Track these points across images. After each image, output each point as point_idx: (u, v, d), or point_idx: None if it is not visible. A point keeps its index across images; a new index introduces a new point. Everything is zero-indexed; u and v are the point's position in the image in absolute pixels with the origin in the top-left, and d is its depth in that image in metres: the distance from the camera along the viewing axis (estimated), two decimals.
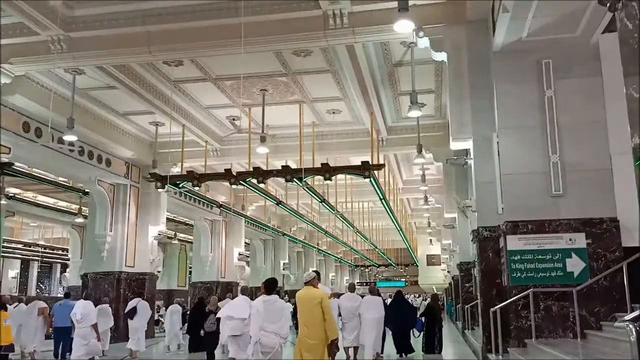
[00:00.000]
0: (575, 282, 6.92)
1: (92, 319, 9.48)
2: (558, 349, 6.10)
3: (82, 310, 9.46)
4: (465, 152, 9.21)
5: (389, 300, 12.77)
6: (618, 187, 6.98)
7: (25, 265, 36.40)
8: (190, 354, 12.25)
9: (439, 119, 14.92)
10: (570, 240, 7.05)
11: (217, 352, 10.37)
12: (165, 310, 16.30)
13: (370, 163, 12.22)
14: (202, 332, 10.70)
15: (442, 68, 11.86)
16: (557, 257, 7.07)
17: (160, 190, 13.09)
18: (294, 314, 9.59)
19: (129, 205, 16.38)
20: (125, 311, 12.63)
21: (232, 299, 12.18)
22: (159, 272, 17.72)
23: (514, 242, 7.21)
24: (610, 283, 6.79)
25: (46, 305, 11.96)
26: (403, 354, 10.83)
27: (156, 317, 22.08)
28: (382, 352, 10.47)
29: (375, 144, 14.53)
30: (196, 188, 13.31)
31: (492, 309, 7.21)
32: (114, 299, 15.45)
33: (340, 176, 20.22)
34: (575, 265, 6.97)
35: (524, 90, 7.51)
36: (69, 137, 11.83)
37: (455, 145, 8.56)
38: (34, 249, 32.59)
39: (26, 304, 12.15)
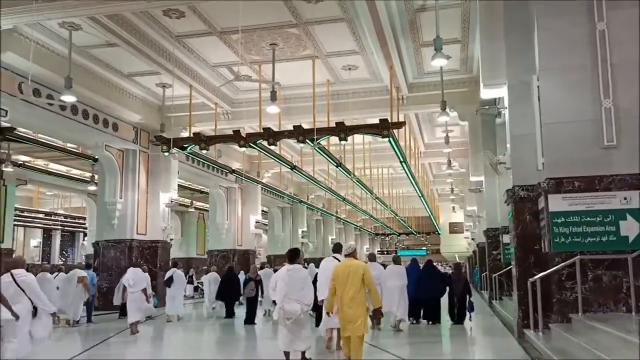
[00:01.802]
0: (631, 247, 5.94)
1: (142, 284, 10.53)
2: (611, 325, 5.19)
3: (133, 276, 10.55)
4: (496, 102, 8.10)
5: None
6: None
7: (47, 234, 36.77)
8: (226, 319, 13.03)
9: (464, 74, 13.71)
10: (625, 199, 6.03)
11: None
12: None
13: (390, 121, 11.17)
14: (240, 297, 12.43)
15: (469, 11, 10.63)
16: (609, 219, 6.07)
17: (165, 154, 12.35)
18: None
19: (139, 171, 15.77)
20: (164, 280, 13.46)
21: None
22: (171, 239, 17.18)
23: (557, 203, 6.22)
24: None
25: (86, 274, 12.27)
26: (431, 322, 10.90)
27: (195, 284, 22.86)
28: (407, 320, 10.54)
29: (395, 102, 13.47)
30: (204, 151, 12.51)
31: (530, 280, 6.29)
32: (126, 267, 15.00)
33: (357, 140, 19.32)
34: (630, 228, 5.98)
35: (571, 23, 6.38)
36: (67, 98, 11.11)
37: (486, 93, 7.51)
38: (54, 218, 32.74)
39: (66, 273, 12.51)
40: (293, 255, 6.38)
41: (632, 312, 5.77)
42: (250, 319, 11.81)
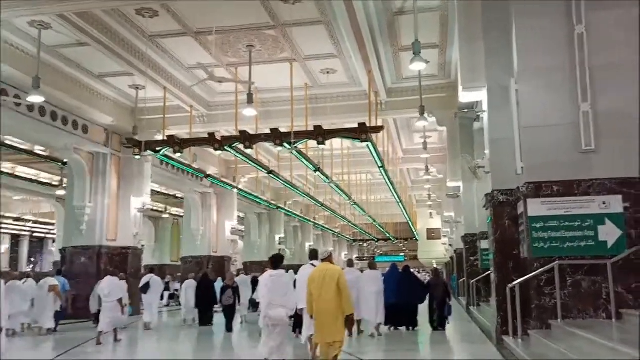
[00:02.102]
0: (610, 253, 5.87)
1: (118, 294, 10.26)
2: (591, 331, 5.08)
3: (109, 285, 10.28)
4: (474, 106, 8.03)
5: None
6: None
7: (15, 240, 35.60)
8: (201, 327, 12.86)
9: (443, 79, 13.70)
10: (604, 203, 5.97)
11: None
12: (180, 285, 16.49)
13: (368, 125, 11.03)
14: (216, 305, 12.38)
15: (448, 16, 10.59)
16: (588, 223, 6.00)
17: (137, 157, 11.96)
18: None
19: (110, 175, 15.31)
20: (140, 286, 13.28)
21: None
22: (143, 246, 16.72)
23: (536, 207, 6.12)
24: None
25: (57, 283, 12.07)
26: (410, 328, 10.90)
27: (172, 291, 22.50)
28: (384, 324, 10.56)
29: (374, 107, 13.35)
30: (177, 155, 12.16)
31: (509, 285, 6.17)
32: (95, 274, 14.52)
33: (336, 145, 19.19)
34: (609, 233, 5.91)
35: (550, 25, 6.33)
36: (34, 98, 10.73)
37: (465, 97, 7.41)
38: (22, 224, 31.75)
39: (35, 280, 12.34)
40: (276, 261, 6.35)
41: (612, 319, 5.69)
42: (228, 326, 11.84)
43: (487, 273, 11.86)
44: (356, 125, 11.41)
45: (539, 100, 6.34)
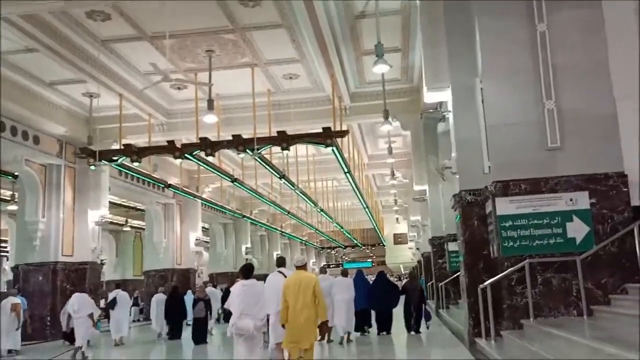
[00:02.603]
0: (578, 249, 5.85)
1: (88, 309, 10.29)
2: (564, 329, 5.01)
3: (78, 301, 10.31)
4: (439, 107, 7.97)
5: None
6: (625, 137, 5.91)
7: None
8: (171, 340, 12.84)
9: (406, 83, 13.71)
10: (571, 200, 5.96)
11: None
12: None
13: (333, 130, 10.87)
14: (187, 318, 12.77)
15: (410, 19, 10.58)
16: (556, 221, 5.98)
17: (92, 167, 11.41)
18: None
19: (64, 187, 14.57)
20: (107, 302, 13.22)
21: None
22: (102, 261, 15.99)
23: (504, 206, 6.06)
24: (619, 249, 5.76)
25: (19, 301, 11.69)
26: (384, 333, 10.89)
27: (141, 305, 21.85)
28: (353, 331, 10.56)
29: (338, 112, 13.23)
30: (136, 164, 11.66)
31: (480, 286, 6.06)
32: (50, 292, 13.78)
33: (301, 152, 18.97)
34: (577, 229, 5.90)
35: (512, 25, 6.33)
36: None
37: (430, 97, 7.34)
38: None
39: None
40: (247, 271, 6.34)
41: (583, 316, 5.65)
42: (201, 339, 11.72)
43: (455, 275, 11.85)
44: (320, 131, 11.25)
45: (504, 99, 6.31)
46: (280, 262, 7.60)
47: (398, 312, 11.32)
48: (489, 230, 6.53)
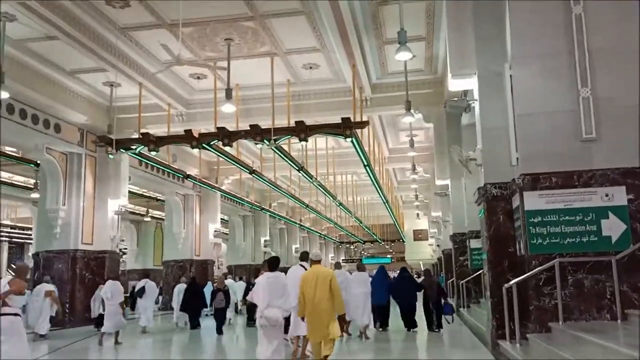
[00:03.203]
0: (614, 249, 5.45)
1: (120, 297, 10.63)
2: (596, 335, 4.64)
3: (112, 289, 10.62)
4: (463, 96, 7.58)
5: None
6: None
7: None
8: (191, 330, 13.13)
9: (429, 74, 13.29)
10: (607, 196, 5.55)
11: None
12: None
13: (353, 120, 10.56)
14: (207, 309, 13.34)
15: (434, 7, 10.18)
16: (590, 217, 5.58)
17: (110, 156, 11.33)
18: None
19: (85, 176, 14.60)
20: (135, 290, 13.72)
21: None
22: (120, 250, 16.05)
23: (533, 200, 5.68)
24: None
25: (53, 288, 12.11)
26: (411, 329, 10.88)
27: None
28: (372, 326, 10.69)
29: (358, 103, 12.89)
30: (153, 153, 11.54)
31: (505, 285, 5.70)
32: (70, 280, 13.85)
33: (320, 144, 18.69)
34: (613, 227, 5.49)
35: (545, 7, 5.91)
36: None
37: (455, 85, 6.96)
38: (1, 229, 30.74)
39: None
40: (273, 263, 6.51)
41: (617, 320, 5.26)
42: (219, 329, 11.98)
43: (477, 273, 11.46)
44: (339, 122, 10.93)
45: (535, 86, 5.91)
46: (304, 256, 7.87)
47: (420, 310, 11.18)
48: (516, 227, 6.16)
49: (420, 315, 11.11)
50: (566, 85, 5.80)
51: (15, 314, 5.93)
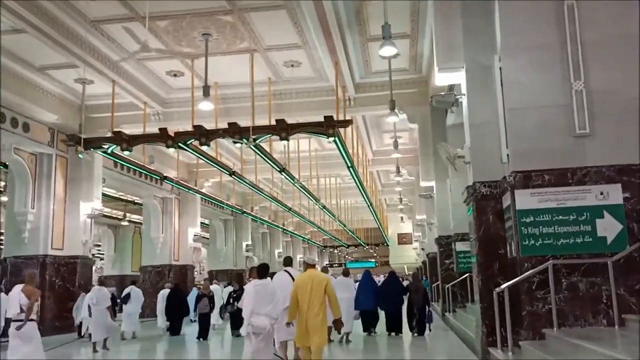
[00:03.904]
0: (610, 250, 5.15)
1: (107, 302, 10.63)
2: (592, 341, 4.32)
3: (97, 294, 10.67)
4: (449, 90, 7.26)
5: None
6: None
7: None
8: (172, 337, 13.03)
9: (414, 73, 13.01)
10: (602, 194, 5.26)
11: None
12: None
13: (336, 119, 10.19)
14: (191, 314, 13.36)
15: (419, 4, 9.89)
16: (584, 217, 5.28)
17: (80, 155, 10.79)
18: None
19: (55, 177, 13.97)
20: (121, 297, 13.63)
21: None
22: (94, 255, 15.46)
23: (525, 199, 5.37)
24: None
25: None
26: (392, 333, 10.79)
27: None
28: (351, 330, 10.43)
29: (342, 103, 12.55)
30: (126, 153, 11.02)
31: (496, 290, 5.36)
32: (39, 287, 13.08)
33: (303, 146, 18.32)
34: (608, 227, 5.20)
35: None
36: None
37: (441, 79, 6.63)
38: None
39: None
40: (262, 271, 6.41)
41: (614, 326, 4.95)
42: (204, 334, 11.91)
43: (463, 277, 11.17)
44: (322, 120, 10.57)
45: (525, 79, 5.60)
46: (288, 261, 7.83)
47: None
48: (507, 227, 5.83)
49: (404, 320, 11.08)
50: (558, 78, 5.50)
51: (33, 320, 6.47)
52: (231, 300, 11.28)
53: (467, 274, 10.81)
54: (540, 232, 5.31)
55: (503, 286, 5.31)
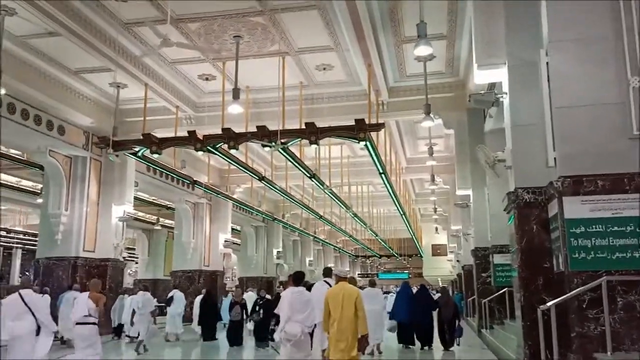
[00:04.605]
0: None
1: (151, 306, 11.53)
2: None
3: (142, 299, 11.52)
4: (490, 88, 6.77)
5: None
6: None
7: (7, 253, 34.49)
8: (205, 342, 13.36)
9: (450, 77, 12.50)
10: None
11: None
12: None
13: (367, 122, 9.81)
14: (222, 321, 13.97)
15: (457, 3, 9.43)
16: None
17: (111, 158, 10.77)
18: None
19: (89, 180, 14.10)
20: (165, 300, 14.81)
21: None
22: (125, 258, 15.52)
23: (574, 208, 4.83)
24: None
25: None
26: (425, 348, 10.72)
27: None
28: (382, 341, 10.45)
29: (374, 107, 12.16)
30: (155, 156, 10.94)
31: (541, 307, 4.83)
32: (69, 289, 13.19)
33: (335, 153, 17.98)
34: None
35: None
36: None
37: (481, 77, 6.16)
38: (13, 235, 30.62)
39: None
40: (298, 278, 6.57)
41: None
42: (237, 341, 12.17)
43: (501, 291, 10.53)
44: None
45: (576, 75, 5.09)
46: (327, 272, 7.98)
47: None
48: (553, 238, 5.29)
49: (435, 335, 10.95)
50: (613, 74, 4.97)
51: (95, 323, 6.97)
52: (257, 309, 10.92)
53: (505, 289, 10.16)
54: (593, 244, 4.76)
55: (549, 303, 4.78)
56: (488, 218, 11.13)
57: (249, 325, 13.35)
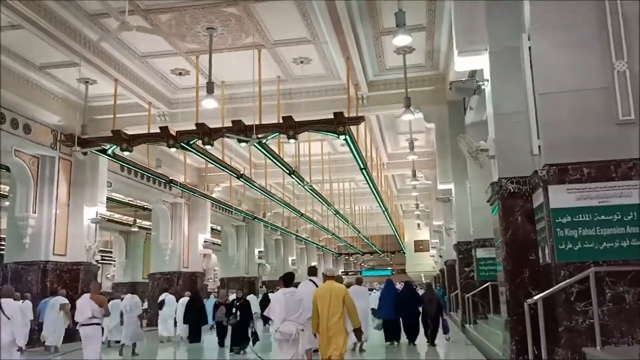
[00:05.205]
0: None
1: (138, 310, 11.52)
2: None
3: (130, 302, 11.40)
4: (472, 75, 6.56)
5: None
6: None
7: None
8: (192, 344, 13.29)
9: (430, 70, 12.33)
10: None
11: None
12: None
13: (347, 116, 9.54)
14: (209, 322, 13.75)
15: None
16: (631, 217, 4.53)
17: (79, 156, 10.31)
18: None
19: (58, 181, 13.54)
20: (158, 302, 14.64)
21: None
22: (99, 261, 15.02)
23: (560, 197, 4.64)
24: None
25: (67, 302, 12.05)
26: (412, 344, 10.67)
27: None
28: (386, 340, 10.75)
29: (354, 101, 11.92)
30: (125, 153, 10.50)
31: (528, 301, 4.62)
32: (40, 295, 12.70)
33: (315, 149, 17.70)
34: None
35: None
36: None
37: (461, 64, 5.93)
38: None
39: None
40: (288, 280, 6.73)
41: None
42: (222, 342, 11.97)
43: (484, 285, 10.38)
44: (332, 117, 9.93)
45: (559, 59, 4.89)
46: (312, 271, 8.08)
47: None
48: (538, 229, 5.10)
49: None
50: (597, 59, 4.78)
51: (99, 324, 7.39)
52: (233, 310, 10.47)
53: (488, 283, 10.02)
54: (579, 234, 4.57)
55: (536, 297, 4.57)
56: (470, 212, 10.99)
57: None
